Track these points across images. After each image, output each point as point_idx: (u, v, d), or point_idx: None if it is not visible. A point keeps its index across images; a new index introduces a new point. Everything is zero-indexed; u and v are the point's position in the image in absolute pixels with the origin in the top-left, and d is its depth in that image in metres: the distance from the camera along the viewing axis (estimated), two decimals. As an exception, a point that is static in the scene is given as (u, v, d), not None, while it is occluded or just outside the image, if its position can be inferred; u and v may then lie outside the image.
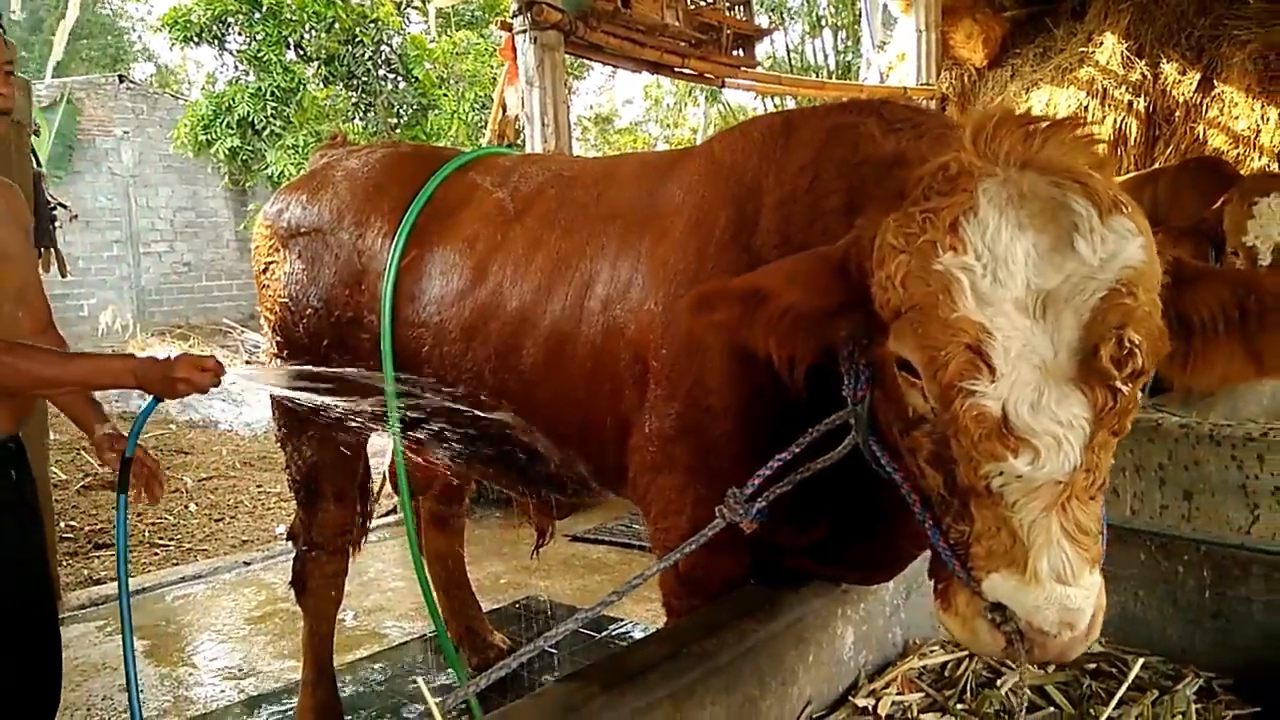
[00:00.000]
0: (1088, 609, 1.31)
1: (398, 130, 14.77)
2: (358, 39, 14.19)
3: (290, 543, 3.47)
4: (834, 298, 1.50)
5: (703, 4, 7.20)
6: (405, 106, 14.93)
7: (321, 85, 14.90)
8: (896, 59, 10.47)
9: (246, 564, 5.64)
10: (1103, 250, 1.28)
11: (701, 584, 2.16)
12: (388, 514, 6.13)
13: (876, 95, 10.08)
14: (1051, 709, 2.16)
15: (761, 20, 11.32)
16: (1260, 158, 7.83)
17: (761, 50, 9.32)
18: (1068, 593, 1.29)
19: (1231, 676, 2.27)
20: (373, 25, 14.38)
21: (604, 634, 4.30)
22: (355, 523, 3.44)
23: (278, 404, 3.25)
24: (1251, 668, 2.29)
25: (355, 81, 14.51)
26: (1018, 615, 1.32)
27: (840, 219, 1.84)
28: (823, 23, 19.52)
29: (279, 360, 3.18)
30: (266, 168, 14.31)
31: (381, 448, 4.19)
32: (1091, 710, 2.08)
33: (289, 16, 13.98)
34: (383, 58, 14.64)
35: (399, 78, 14.93)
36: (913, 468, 1.49)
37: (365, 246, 2.96)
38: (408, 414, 2.73)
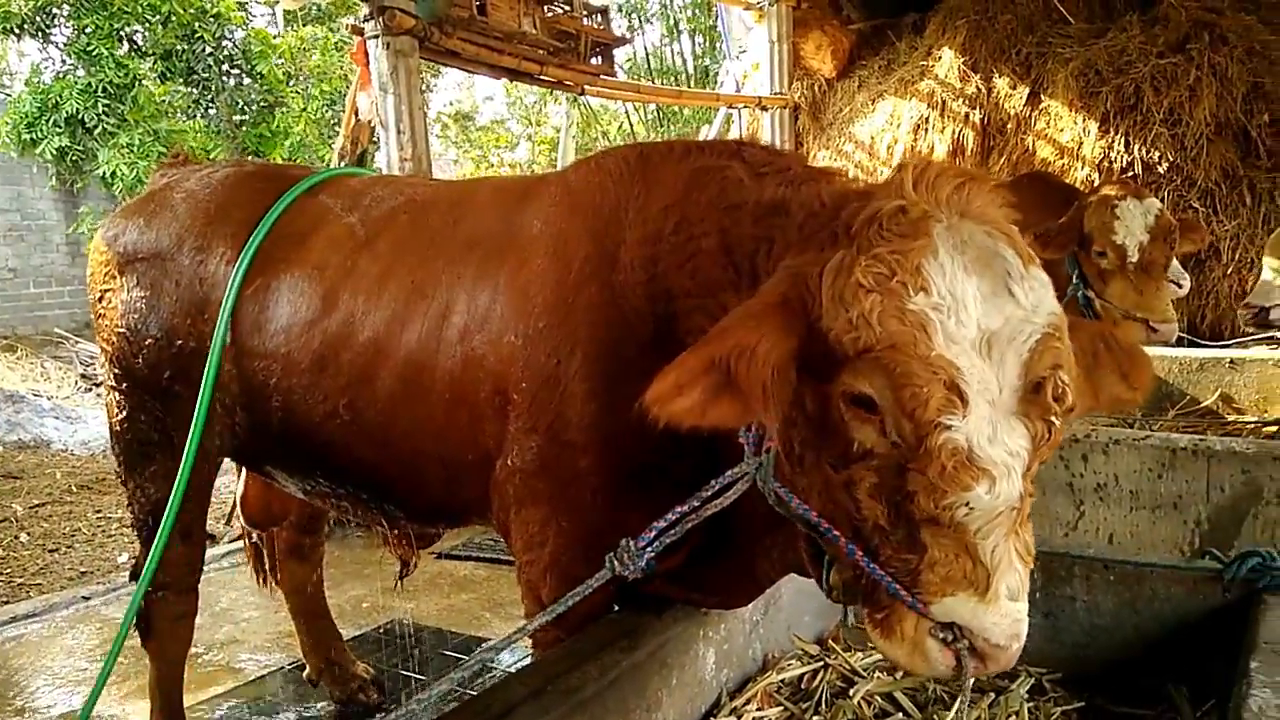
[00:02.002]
0: (1027, 621, 1.42)
1: (242, 128, 14.14)
2: (197, 34, 13.50)
3: (134, 582, 3.28)
4: (792, 341, 1.49)
5: (560, 12, 7.19)
6: (249, 103, 14.30)
7: (159, 81, 14.09)
8: (752, 68, 10.73)
9: (86, 599, 5.28)
10: (1032, 297, 1.41)
11: (565, 615, 2.17)
12: (240, 538, 5.86)
13: (736, 104, 10.33)
14: (900, 714, 2.28)
15: (619, 23, 11.39)
16: (1083, 168, 8.42)
17: (621, 53, 9.39)
18: (1017, 608, 1.40)
19: (1060, 671, 2.45)
20: (213, 20, 13.71)
21: (474, 656, 4.26)
22: (204, 559, 3.29)
23: (118, 436, 3.08)
24: (1078, 662, 2.47)
25: (195, 78, 13.80)
26: (974, 633, 1.41)
27: (715, 260, 1.89)
28: (680, 28, 19.80)
29: (117, 394, 3.01)
30: (99, 168, 13.45)
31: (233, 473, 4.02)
32: (936, 716, 2.20)
33: (121, 9, 13.16)
34: (224, 53, 13.97)
35: (242, 74, 14.29)
36: (843, 503, 1.51)
37: (208, 273, 2.83)
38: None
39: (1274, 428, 3.66)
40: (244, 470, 3.52)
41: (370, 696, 3.83)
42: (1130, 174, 8.02)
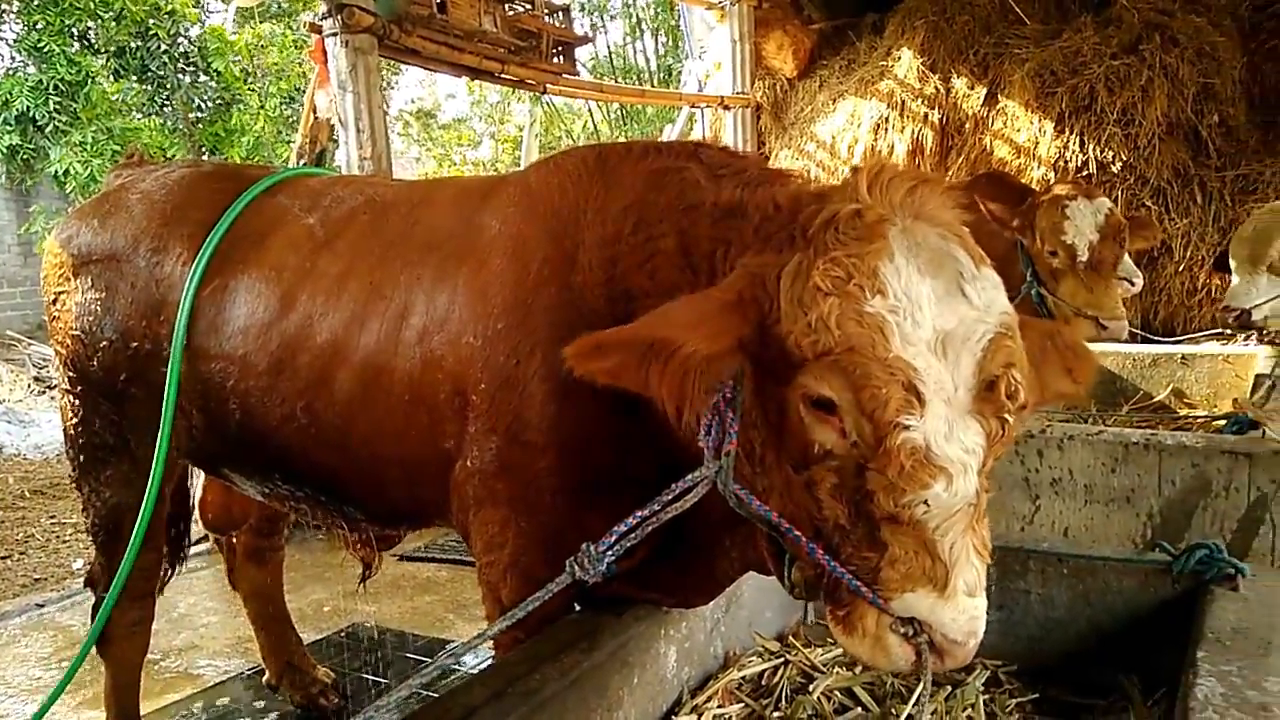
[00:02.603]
0: (984, 617, 1.46)
1: (199, 126, 13.94)
2: (150, 31, 13.27)
3: (89, 589, 3.23)
4: (730, 340, 1.52)
5: (521, 10, 7.17)
6: (206, 101, 14.10)
7: (112, 79, 13.84)
8: (714, 67, 10.77)
9: (40, 606, 5.19)
10: (984, 297, 1.44)
11: (526, 616, 2.17)
12: (198, 541, 5.79)
13: (698, 104, 10.36)
14: (860, 709, 2.30)
15: (581, 22, 11.38)
16: (1039, 167, 8.55)
17: (584, 52, 9.38)
18: (975, 604, 1.44)
19: (1016, 664, 2.49)
20: (167, 16, 13.48)
21: (435, 661, 4.23)
22: (163, 565, 3.24)
23: (73, 440, 3.03)
24: (1033, 655, 2.52)
25: (150, 75, 13.56)
26: (934, 629, 1.44)
27: (673, 261, 1.90)
28: (643, 27, 19.82)
29: (72, 397, 2.96)
30: (51, 166, 13.18)
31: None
32: (894, 709, 2.23)
33: (72, 5, 12.91)
34: (179, 50, 13.75)
35: (198, 71, 14.07)
36: (804, 503, 1.54)
37: (164, 275, 2.79)
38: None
39: (1223, 422, 3.75)
40: (202, 474, 3.47)
41: (331, 701, 3.80)
42: (1085, 173, 8.16)
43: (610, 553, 1.66)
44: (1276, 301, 4.83)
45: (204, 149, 14.01)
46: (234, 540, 3.83)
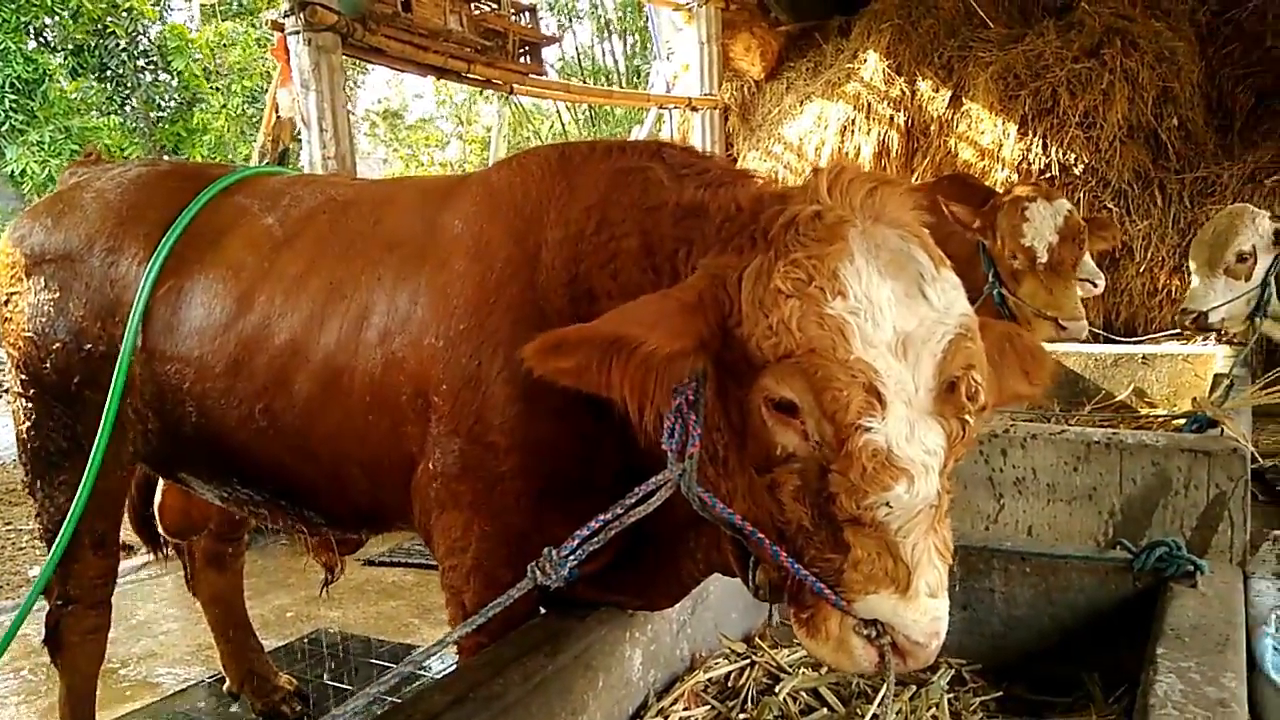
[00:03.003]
0: (947, 618, 1.46)
1: (159, 125, 13.73)
2: (108, 29, 13.06)
3: (44, 597, 3.15)
4: (691, 340, 1.51)
5: (487, 10, 7.14)
6: (166, 100, 13.89)
7: (70, 77, 13.60)
8: (682, 69, 10.78)
9: (-6, 614, 5.07)
10: (944, 299, 1.44)
11: (489, 621, 2.15)
12: (160, 548, 5.69)
13: (666, 105, 10.36)
14: (825, 709, 2.30)
15: (548, 23, 11.34)
16: (1003, 169, 8.64)
17: (553, 52, 9.36)
18: (937, 605, 1.44)
19: (980, 662, 2.50)
20: (126, 14, 13.27)
21: (398, 668, 4.18)
22: (117, 571, 3.17)
23: (26, 445, 2.96)
24: (996, 653, 2.53)
25: (109, 73, 13.35)
26: (896, 630, 1.44)
27: (636, 261, 1.88)
28: (611, 28, 19.81)
29: (24, 400, 2.89)
30: (7, 165, 12.92)
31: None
32: (860, 709, 2.23)
33: (29, 2, 12.67)
34: (139, 49, 13.54)
35: (158, 70, 13.86)
36: (767, 505, 1.53)
37: (119, 275, 2.74)
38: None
39: (1182, 421, 3.80)
40: (161, 478, 3.41)
41: (293, 708, 3.75)
42: (1048, 175, 8.26)
43: (573, 557, 1.64)
44: (1233, 304, 4.90)
45: (164, 148, 13.80)
46: (193, 546, 3.76)
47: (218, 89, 14.36)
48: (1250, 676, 1.97)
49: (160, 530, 3.63)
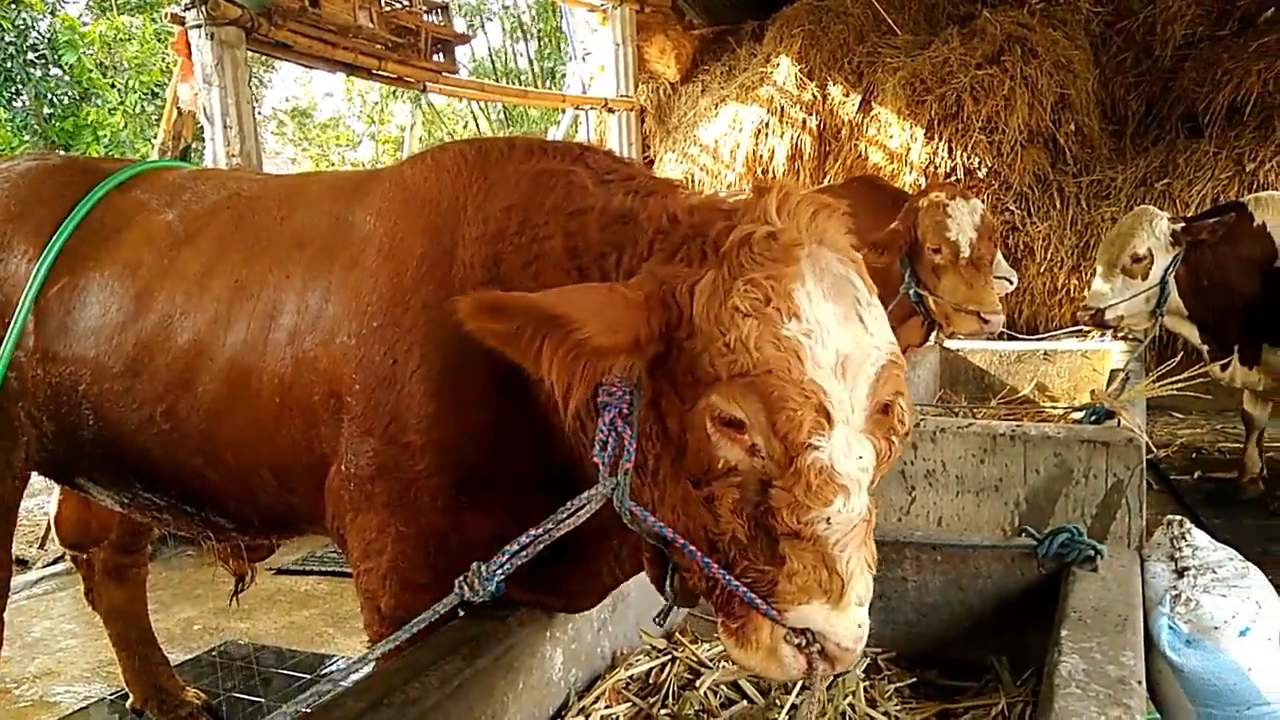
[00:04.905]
0: (869, 622, 1.51)
1: (51, 121, 13.12)
2: (-5, 23, 12.45)
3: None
4: (627, 338, 1.49)
5: (398, 7, 7.01)
6: (58, 95, 13.28)
7: (-45, 72, 12.90)
8: (597, 70, 10.79)
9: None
10: (877, 325, 1.48)
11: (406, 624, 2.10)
12: (54, 562, 5.44)
13: (582, 106, 10.35)
14: (745, 702, 2.32)
15: (460, 23, 11.22)
16: (911, 173, 8.88)
17: (464, 53, 9.25)
18: (863, 613, 1.49)
19: (894, 650, 2.55)
20: (13, 6, 12.65)
21: (317, 674, 4.08)
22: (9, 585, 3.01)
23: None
24: (910, 640, 2.59)
25: (-3, 69, 12.72)
26: (827, 638, 1.48)
27: (559, 263, 1.86)
28: (525, 29, 19.69)
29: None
30: (-115, 164, 12.16)
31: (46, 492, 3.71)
32: (778, 701, 2.26)
33: (-92, -7, 12.00)
34: (28, 42, 12.92)
35: (49, 64, 13.25)
36: (700, 517, 1.53)
37: (7, 274, 2.60)
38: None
39: (1081, 413, 3.94)
40: (58, 488, 3.25)
41: (202, 723, 3.62)
42: (954, 178, 8.52)
43: (501, 571, 1.62)
44: (1131, 303, 5.15)
45: (57, 145, 13.20)
46: (93, 557, 3.59)
47: (114, 85, 13.79)
48: (1147, 654, 2.06)
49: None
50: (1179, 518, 2.54)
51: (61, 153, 12.06)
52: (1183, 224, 5.09)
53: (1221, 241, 5.02)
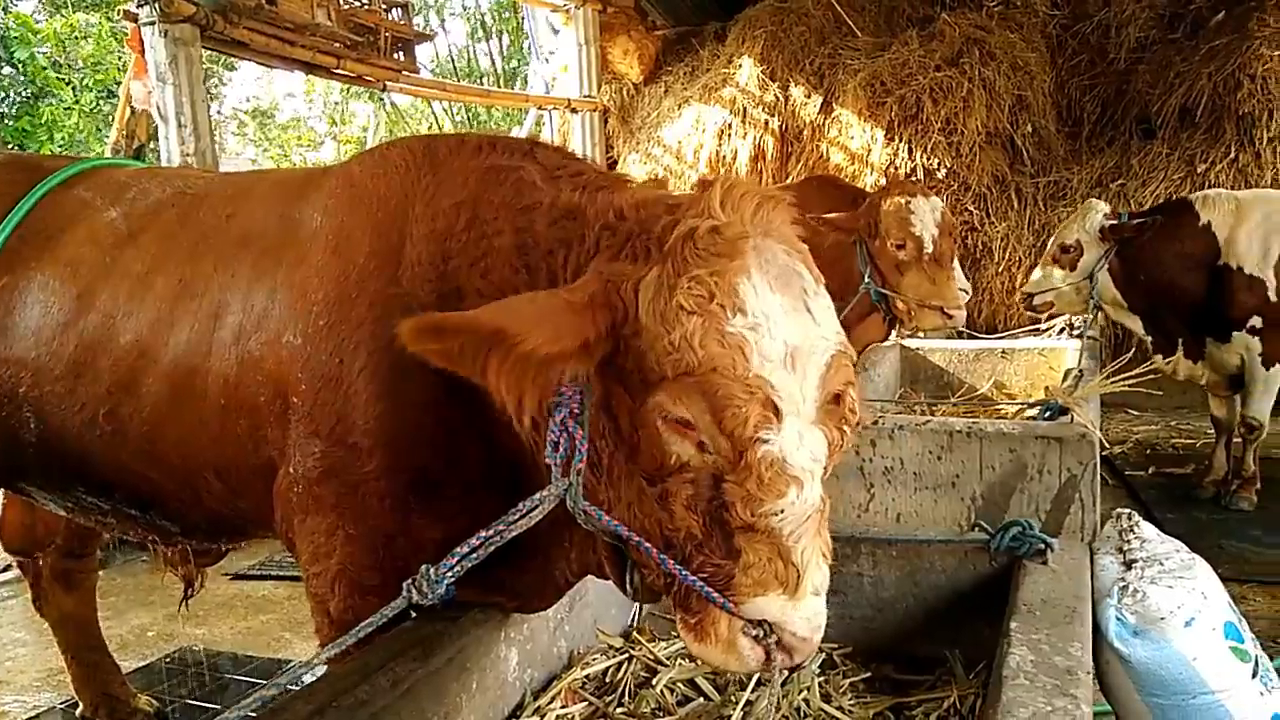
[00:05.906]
0: (825, 612, 1.52)
1: (4, 120, 12.87)
2: (-54, 19, 12.18)
3: None
4: (574, 342, 1.47)
5: (357, 4, 6.95)
6: (10, 94, 13.02)
7: (-98, 69, 12.61)
8: (560, 70, 10.76)
9: None
10: (825, 315, 1.48)
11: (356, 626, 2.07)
12: (3, 570, 5.32)
13: (545, 106, 10.31)
14: (702, 700, 2.32)
15: (419, 21, 11.15)
16: (872, 173, 8.94)
17: (426, 52, 9.19)
18: (819, 603, 1.50)
19: (850, 645, 2.56)
20: (-37, 3, 12.42)
21: (273, 680, 4.01)
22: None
23: None
24: (866, 635, 2.60)
25: (-53, 66, 12.44)
26: (784, 628, 1.48)
27: (508, 260, 1.84)
28: (489, 29, 19.60)
29: None
30: None
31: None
32: (734, 697, 2.25)
33: None
34: (-22, 41, 12.69)
35: (2, 63, 13.00)
36: (655, 514, 1.53)
37: (-56, 274, 2.53)
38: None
39: (1035, 410, 3.99)
40: (1, 492, 3.18)
41: (154, 730, 3.55)
42: (913, 179, 8.59)
43: (451, 574, 1.60)
44: (1060, 291, 5.45)
45: (9, 145, 12.93)
46: (39, 563, 3.52)
47: (69, 83, 13.55)
48: (1096, 645, 2.08)
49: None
50: (1128, 511, 2.57)
51: (7, 150, 11.83)
52: (1111, 223, 5.25)
53: (1165, 238, 5.13)
